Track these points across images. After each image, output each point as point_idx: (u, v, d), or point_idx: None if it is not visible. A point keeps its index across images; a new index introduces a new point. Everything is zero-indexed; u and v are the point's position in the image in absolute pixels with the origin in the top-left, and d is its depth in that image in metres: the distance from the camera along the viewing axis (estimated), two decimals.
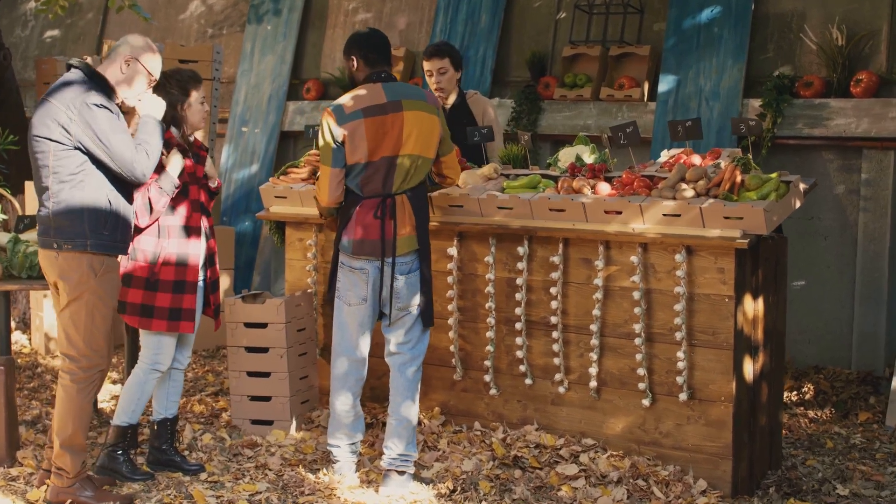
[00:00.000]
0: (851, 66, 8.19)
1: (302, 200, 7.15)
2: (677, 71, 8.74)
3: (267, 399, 6.97)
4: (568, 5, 9.40)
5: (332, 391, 6.08)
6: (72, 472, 5.63)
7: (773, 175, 5.98)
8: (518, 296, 6.47)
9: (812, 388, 7.94)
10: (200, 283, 6.19)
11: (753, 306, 6.05)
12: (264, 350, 6.96)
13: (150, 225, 5.96)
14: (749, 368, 6.04)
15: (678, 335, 5.99)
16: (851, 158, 8.18)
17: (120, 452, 6.11)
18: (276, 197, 7.28)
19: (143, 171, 5.54)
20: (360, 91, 5.87)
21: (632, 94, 8.86)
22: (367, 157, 5.78)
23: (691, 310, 5.98)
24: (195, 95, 6.12)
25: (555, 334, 6.39)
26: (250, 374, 7.00)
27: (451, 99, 7.48)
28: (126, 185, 5.66)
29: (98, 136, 5.43)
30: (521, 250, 6.43)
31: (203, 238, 6.15)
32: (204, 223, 6.17)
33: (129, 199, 5.73)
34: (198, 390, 8.15)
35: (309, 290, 7.25)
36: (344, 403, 6.06)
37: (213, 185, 6.34)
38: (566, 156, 6.79)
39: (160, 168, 5.93)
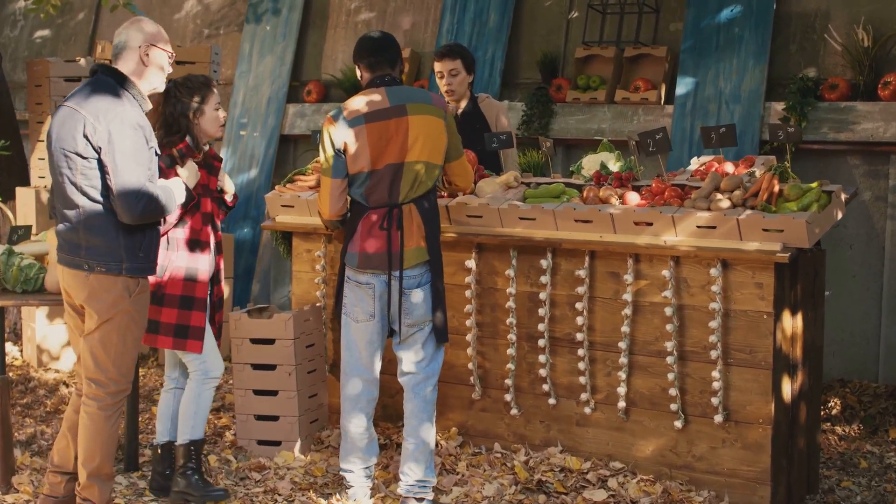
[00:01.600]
0: (878, 68, 7.88)
1: (310, 210, 6.83)
2: (695, 73, 8.42)
3: (274, 419, 6.65)
4: (580, 4, 9.07)
5: (344, 413, 5.77)
6: (100, 502, 5.34)
7: (814, 184, 5.67)
8: (541, 311, 6.15)
9: (839, 402, 7.63)
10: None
11: (792, 323, 5.74)
12: (272, 367, 6.64)
13: (163, 235, 5.64)
14: (787, 388, 5.73)
15: (713, 353, 5.69)
16: (878, 164, 7.87)
17: (191, 472, 5.83)
18: (282, 206, 6.95)
19: (140, 212, 5.14)
20: (363, 96, 5.60)
21: (648, 97, 8.54)
22: (370, 166, 5.49)
23: (727, 327, 5.68)
24: (209, 102, 5.78)
25: (580, 352, 6.08)
26: (257, 392, 6.67)
27: (463, 103, 7.18)
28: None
29: (115, 151, 5.10)
30: (544, 263, 6.11)
31: (212, 253, 5.83)
32: (213, 238, 5.84)
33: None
34: None
35: (318, 304, 6.93)
36: (357, 426, 5.75)
37: (229, 199, 6.03)
38: (590, 163, 6.47)
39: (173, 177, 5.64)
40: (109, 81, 5.24)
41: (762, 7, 8.27)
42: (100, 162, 5.11)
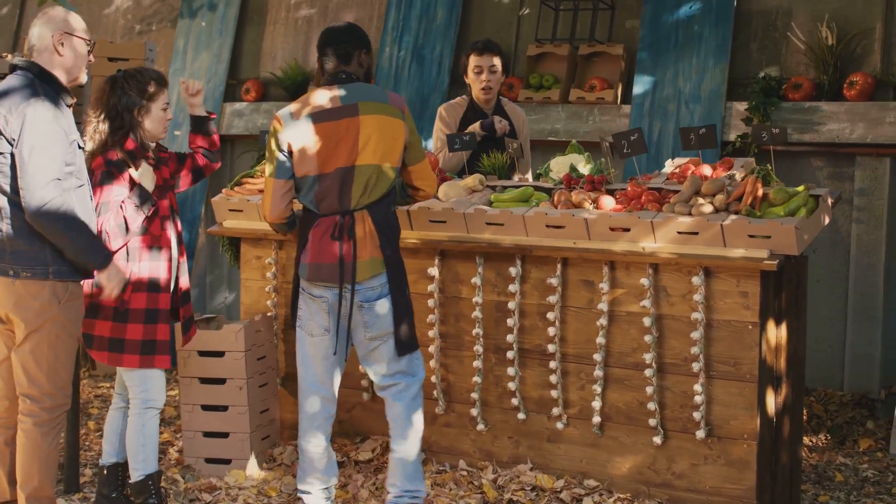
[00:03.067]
0: (843, 68, 7.66)
1: (259, 214, 6.45)
2: (653, 71, 8.15)
3: (224, 435, 6.27)
4: (533, 1, 8.76)
5: (302, 432, 5.42)
6: None
7: (801, 188, 5.42)
8: (510, 321, 5.83)
9: (805, 411, 7.39)
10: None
11: (776, 333, 5.48)
12: (221, 381, 6.25)
13: (121, 248, 5.23)
14: (771, 402, 5.48)
15: (695, 366, 5.41)
16: (843, 166, 7.66)
17: None
18: (229, 210, 6.56)
19: (41, 208, 4.74)
20: (313, 95, 5.27)
21: (604, 97, 8.25)
22: (317, 169, 5.15)
23: (710, 338, 5.41)
24: (158, 100, 5.40)
25: (552, 364, 5.77)
26: (205, 407, 6.28)
27: (491, 102, 6.94)
28: (89, 200, 4.98)
29: (24, 143, 4.74)
30: (513, 271, 5.80)
31: (173, 254, 5.47)
32: (173, 232, 5.48)
33: (92, 214, 5.05)
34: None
35: (269, 314, 6.55)
36: (316, 445, 5.41)
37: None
38: (559, 165, 6.16)
39: (133, 184, 5.23)
40: (26, 75, 4.92)
41: (722, 4, 8.02)
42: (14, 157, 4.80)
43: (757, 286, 5.28)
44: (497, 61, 6.78)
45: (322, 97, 5.20)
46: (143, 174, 5.27)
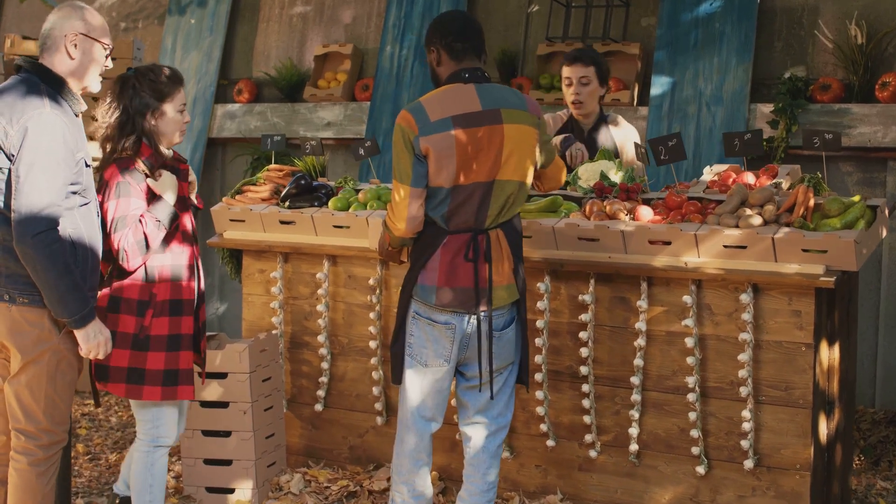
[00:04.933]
0: (873, 68, 7.27)
1: (264, 224, 6.02)
2: (672, 72, 7.74)
3: (227, 463, 5.84)
4: None
5: (405, 471, 4.79)
6: None
7: (856, 198, 5.02)
8: (538, 341, 5.41)
9: None
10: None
11: (829, 354, 5.09)
12: (224, 405, 5.81)
13: (138, 268, 4.76)
14: (824, 429, 5.08)
15: (743, 390, 5.00)
16: (874, 171, 7.27)
17: None
18: (231, 220, 6.13)
19: (34, 239, 4.26)
20: (447, 92, 4.58)
21: (620, 98, 7.84)
22: (452, 181, 4.53)
23: (759, 360, 5.01)
24: (174, 101, 4.87)
25: (585, 387, 5.36)
26: (206, 433, 5.84)
27: (591, 117, 6.32)
28: (95, 217, 4.54)
29: (23, 160, 4.27)
30: (541, 287, 5.38)
31: (196, 277, 4.96)
32: (198, 258, 4.99)
33: (97, 233, 4.57)
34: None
35: (274, 332, 6.11)
36: (427, 484, 4.84)
37: (194, 198, 5.15)
38: (587, 173, 5.74)
39: (154, 197, 4.76)
40: (32, 79, 4.43)
41: (745, 1, 7.62)
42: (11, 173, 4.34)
43: (811, 304, 4.88)
44: (590, 73, 6.18)
45: (458, 97, 4.56)
46: (164, 184, 4.77)
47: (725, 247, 4.98)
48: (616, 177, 5.66)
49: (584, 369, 5.34)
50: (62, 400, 4.50)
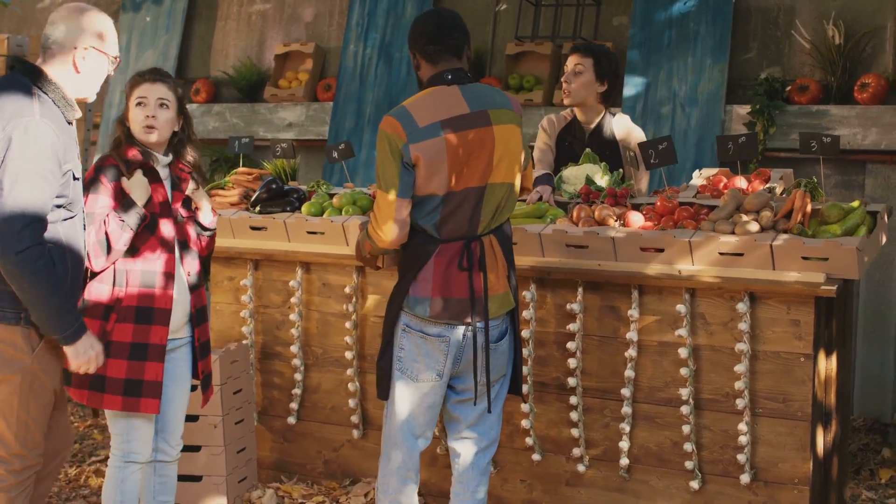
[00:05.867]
0: (852, 69, 7.15)
1: (233, 230, 5.78)
2: (645, 72, 7.59)
3: (197, 479, 5.58)
4: None
5: (391, 489, 4.57)
6: None
7: (856, 203, 4.87)
8: (524, 351, 5.21)
9: None
10: (186, 343, 4.74)
11: (826, 365, 4.93)
12: (193, 418, 5.55)
13: (106, 269, 4.47)
14: (821, 441, 4.92)
15: (739, 402, 4.84)
16: (853, 174, 7.15)
17: None
18: None
19: (19, 253, 3.98)
20: (432, 96, 4.35)
21: None
22: (446, 188, 4.29)
23: (756, 371, 4.83)
24: (133, 97, 4.56)
25: (572, 399, 5.17)
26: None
27: (590, 116, 6.02)
28: (80, 231, 4.28)
29: (7, 167, 3.98)
30: (527, 295, 5.19)
31: (180, 288, 4.66)
32: (181, 269, 4.67)
33: (82, 248, 4.30)
34: (87, 454, 6.65)
35: (244, 342, 5.86)
36: (414, 499, 4.62)
37: (205, 220, 4.87)
38: (572, 177, 5.55)
39: (121, 195, 4.47)
40: (23, 81, 4.13)
41: (720, 0, 7.47)
42: None
43: (810, 314, 4.72)
44: (587, 63, 5.90)
45: (444, 100, 4.32)
46: (134, 184, 4.49)
47: (721, 254, 4.81)
48: (602, 181, 5.47)
49: (571, 381, 5.15)
50: (35, 422, 4.23)
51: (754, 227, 4.80)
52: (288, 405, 5.86)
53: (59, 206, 4.12)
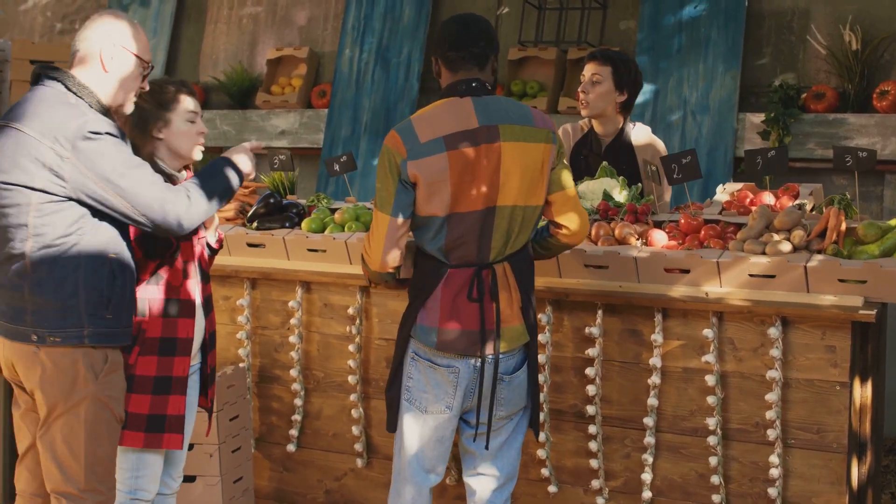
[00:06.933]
0: (870, 76, 6.90)
1: (229, 248, 5.50)
2: (654, 78, 7.32)
3: None
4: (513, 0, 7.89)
5: None
6: None
7: (893, 222, 4.60)
8: (539, 378, 4.91)
9: None
10: (197, 371, 4.46)
11: (862, 393, 4.65)
12: (188, 447, 5.24)
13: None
14: (856, 474, 4.65)
15: (770, 433, 4.56)
16: (871, 185, 6.90)
17: None
18: None
19: (178, 216, 3.88)
20: (440, 109, 4.09)
21: None
22: (447, 208, 4.01)
23: (788, 400, 4.55)
24: (178, 109, 4.25)
25: (591, 428, 4.88)
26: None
27: (609, 128, 5.74)
28: (128, 244, 4.02)
29: (108, 175, 3.75)
30: (542, 318, 4.91)
31: (199, 316, 4.37)
32: (199, 295, 4.38)
33: (133, 265, 4.03)
34: None
35: (241, 365, 5.56)
36: None
37: (212, 239, 4.58)
38: (589, 192, 5.27)
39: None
40: (56, 87, 3.87)
41: (732, 4, 7.20)
42: (91, 206, 3.81)
43: (847, 339, 4.45)
44: (605, 72, 5.62)
45: (453, 113, 4.05)
46: None
47: (752, 276, 4.53)
48: (621, 196, 5.19)
49: (590, 409, 4.87)
50: (105, 453, 3.93)
51: (786, 247, 4.53)
52: (287, 432, 5.57)
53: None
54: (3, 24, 9.82)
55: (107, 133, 3.78)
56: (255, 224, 5.53)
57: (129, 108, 4.04)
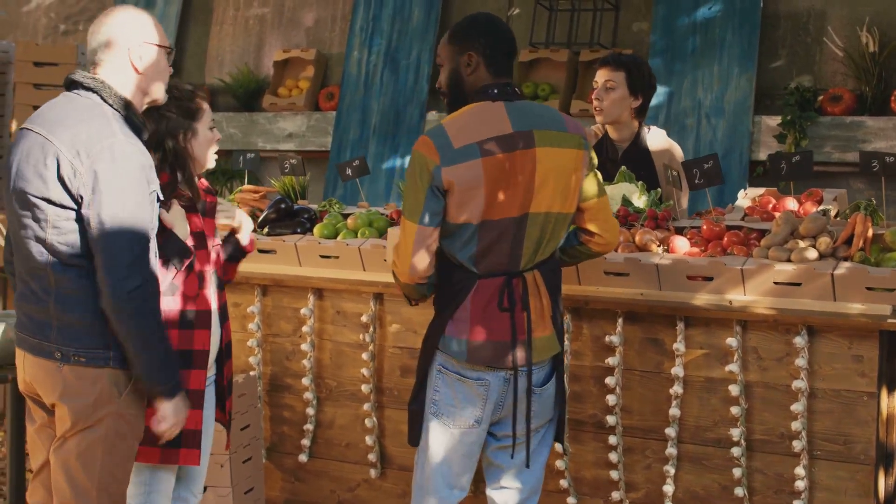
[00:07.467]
0: (888, 78, 6.81)
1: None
2: (668, 80, 7.23)
3: None
4: (524, 1, 7.78)
5: None
6: None
7: None
8: None
9: None
10: (213, 382, 4.35)
11: (889, 403, 4.55)
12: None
13: None
14: (883, 486, 4.55)
15: (796, 444, 4.46)
16: (889, 189, 6.77)
17: None
18: None
19: (131, 292, 3.61)
20: (473, 113, 3.95)
21: None
22: (481, 216, 3.88)
23: (813, 410, 4.45)
24: (203, 119, 4.16)
25: (612, 439, 4.79)
26: None
27: (624, 133, 5.64)
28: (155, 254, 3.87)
29: (103, 204, 3.60)
30: None
31: (215, 326, 4.26)
32: (215, 302, 4.27)
33: (159, 285, 3.87)
34: None
35: (252, 373, 5.47)
36: None
37: (244, 240, 4.49)
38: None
39: (163, 231, 4.04)
40: (92, 98, 3.73)
41: (747, 5, 7.11)
42: (81, 214, 3.65)
43: (874, 349, 4.35)
44: (618, 78, 5.50)
45: (486, 118, 3.93)
46: (176, 218, 4.09)
47: (777, 283, 4.43)
48: (640, 201, 5.09)
49: (610, 419, 4.78)
50: (121, 472, 3.81)
51: (812, 254, 4.43)
52: (299, 441, 5.48)
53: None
54: (5, 25, 9.73)
55: (125, 164, 3.64)
56: (265, 229, 5.44)
57: (162, 98, 3.93)
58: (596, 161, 4.17)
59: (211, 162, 4.23)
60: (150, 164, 3.75)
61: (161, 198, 3.84)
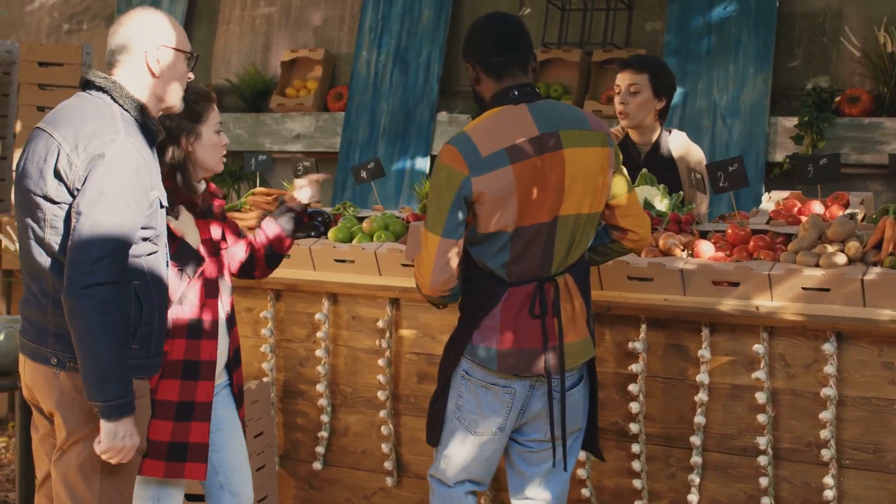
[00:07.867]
0: None
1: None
2: (682, 82, 7.14)
3: None
4: (536, 0, 7.70)
5: None
6: None
7: None
8: None
9: None
10: (225, 386, 4.27)
11: None
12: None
13: None
14: None
15: (825, 453, 4.36)
16: None
17: None
18: None
19: (86, 288, 3.43)
20: (497, 118, 3.83)
21: None
22: (515, 223, 3.78)
23: (842, 418, 4.36)
24: (208, 121, 4.07)
25: (635, 447, 4.70)
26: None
27: (647, 136, 5.53)
28: (164, 268, 3.79)
29: (88, 193, 3.49)
30: None
31: (223, 334, 4.17)
32: (223, 310, 4.17)
33: (165, 289, 3.79)
34: None
35: (265, 379, 5.37)
36: None
37: (303, 197, 4.56)
38: None
39: (173, 239, 3.95)
40: (103, 98, 3.65)
41: (763, 4, 7.01)
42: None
43: None
44: (642, 81, 5.37)
45: (511, 122, 3.81)
46: (186, 225, 4.00)
47: (805, 289, 4.34)
48: (662, 205, 5.00)
49: (633, 427, 4.68)
50: (125, 488, 3.70)
51: (841, 259, 4.34)
52: (313, 449, 5.38)
53: (144, 239, 3.63)
54: (9, 25, 9.63)
55: (121, 161, 3.53)
56: None
57: (179, 106, 3.82)
58: (621, 157, 4.07)
59: (219, 166, 4.13)
60: (153, 170, 3.66)
61: (164, 204, 3.73)
